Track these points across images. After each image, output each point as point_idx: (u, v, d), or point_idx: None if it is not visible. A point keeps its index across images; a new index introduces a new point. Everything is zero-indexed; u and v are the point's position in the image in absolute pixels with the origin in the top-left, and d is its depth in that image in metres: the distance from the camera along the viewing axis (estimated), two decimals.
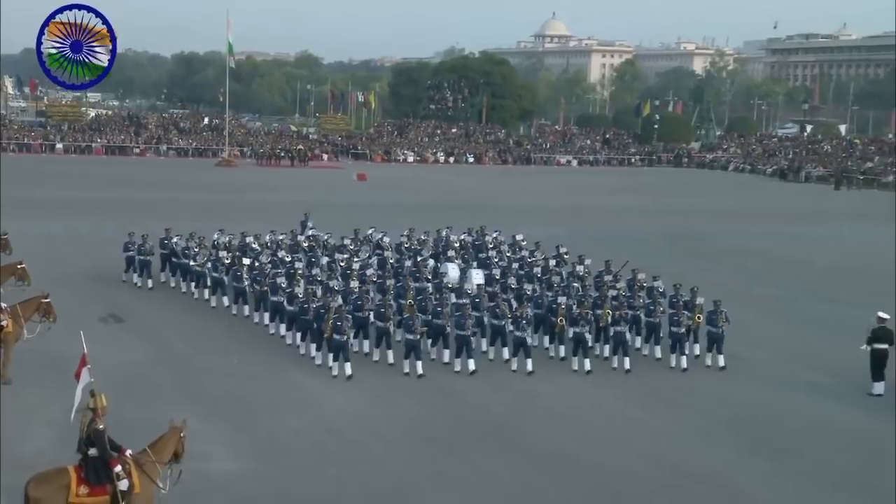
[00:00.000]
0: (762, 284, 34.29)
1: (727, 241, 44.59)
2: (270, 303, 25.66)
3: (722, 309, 23.54)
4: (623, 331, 23.48)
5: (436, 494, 16.28)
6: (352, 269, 27.57)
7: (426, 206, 53.18)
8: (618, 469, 17.51)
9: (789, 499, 16.69)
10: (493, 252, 31.76)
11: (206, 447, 14.44)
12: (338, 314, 21.89)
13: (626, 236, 42.59)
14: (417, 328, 22.25)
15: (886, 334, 22.46)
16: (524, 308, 23.38)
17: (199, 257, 29.29)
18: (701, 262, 37.91)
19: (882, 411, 21.27)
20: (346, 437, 18.81)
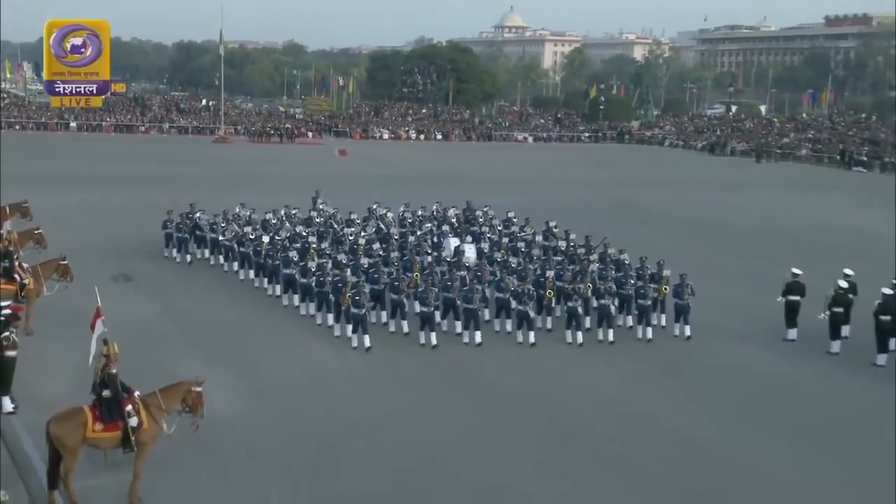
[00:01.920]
0: (692, 246, 34.34)
1: (663, 208, 44.79)
2: (283, 275, 24.43)
3: (688, 282, 22.26)
4: (608, 304, 21.95)
5: (406, 427, 16.36)
6: (358, 244, 26.25)
7: (401, 178, 53.17)
8: (575, 411, 17.60)
9: (714, 434, 16.89)
10: (486, 227, 30.04)
11: (207, 391, 14.34)
12: (356, 288, 20.68)
13: (576, 204, 42.70)
14: (432, 301, 21.01)
15: (799, 287, 22.73)
16: (526, 283, 21.81)
17: (228, 232, 27.86)
18: (640, 226, 38.06)
19: (794, 355, 21.62)
20: (333, 382, 18.84)
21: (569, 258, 25.79)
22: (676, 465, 15.15)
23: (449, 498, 13.70)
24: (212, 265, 28.48)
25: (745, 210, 45.33)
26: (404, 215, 31.61)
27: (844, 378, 20.06)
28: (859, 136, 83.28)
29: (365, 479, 14.09)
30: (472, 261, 25.08)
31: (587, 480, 14.44)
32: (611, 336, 21.81)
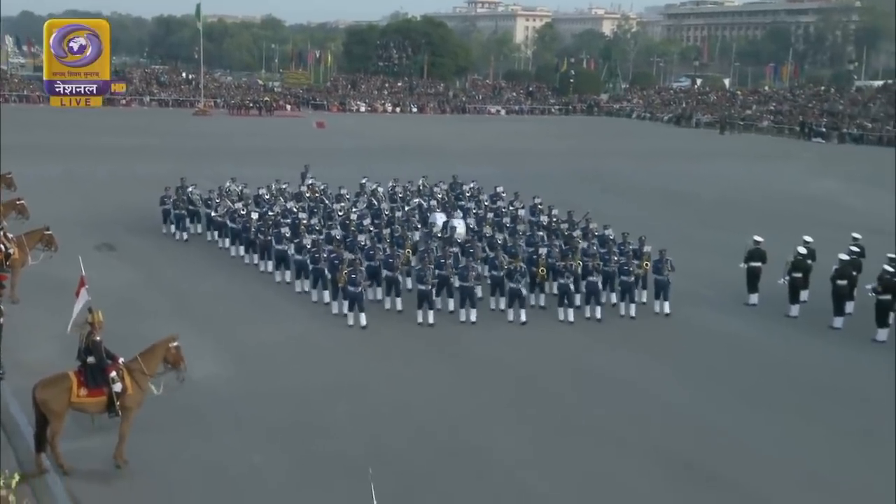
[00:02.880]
0: (659, 214, 34.43)
1: (630, 179, 44.91)
2: (275, 251, 23.60)
3: (667, 257, 21.55)
4: (596, 281, 21.16)
5: (387, 392, 16.36)
6: (350, 219, 25.34)
7: (378, 149, 53.00)
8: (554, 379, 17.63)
9: (684, 396, 17.06)
10: (472, 203, 29.23)
11: (189, 355, 14.32)
12: (352, 266, 19.92)
13: (547, 175, 42.72)
14: (430, 279, 20.20)
15: (760, 254, 22.89)
16: (518, 261, 20.99)
17: (220, 208, 26.97)
18: (608, 196, 38.19)
19: (756, 319, 21.80)
20: (315, 350, 18.82)
21: (554, 234, 24.96)
22: (648, 426, 15.24)
23: (426, 457, 13.75)
24: (208, 241, 27.67)
25: (710, 180, 45.51)
26: (394, 190, 30.79)
27: (803, 341, 20.25)
28: (818, 107, 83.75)
29: (345, 440, 14.10)
30: (462, 236, 24.45)
31: (563, 442, 14.44)
32: (598, 313, 21.03)
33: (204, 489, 12.48)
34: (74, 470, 12.52)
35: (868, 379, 17.91)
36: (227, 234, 26.58)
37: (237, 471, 12.98)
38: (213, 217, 27.42)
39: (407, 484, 12.65)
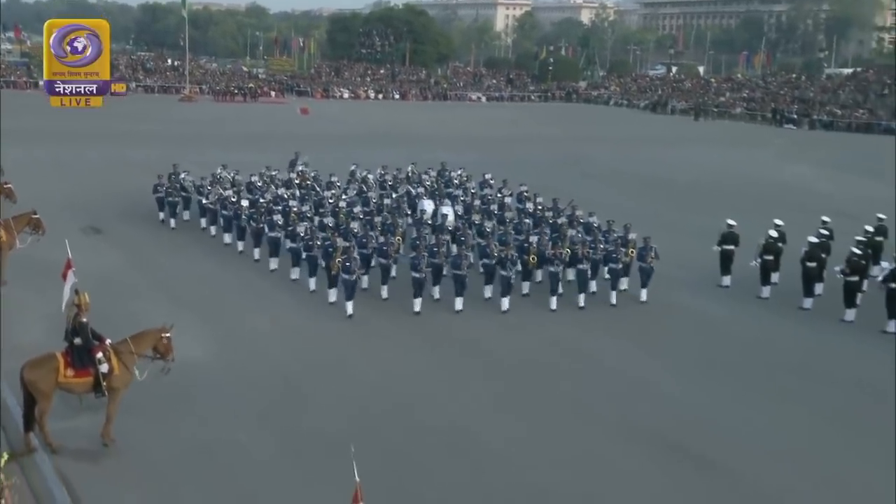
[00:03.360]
0: (636, 199, 34.43)
1: (608, 164, 44.93)
2: (268, 238, 22.95)
3: (652, 245, 21.25)
4: (585, 269, 20.75)
5: (370, 372, 16.35)
6: (340, 207, 24.66)
7: (361, 136, 52.76)
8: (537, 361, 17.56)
9: (663, 378, 17.14)
10: (459, 191, 28.48)
11: (175, 336, 14.23)
12: (346, 254, 19.47)
13: (526, 160, 42.63)
14: (424, 267, 19.72)
15: (733, 237, 22.99)
16: (510, 249, 20.34)
17: (212, 195, 26.22)
18: (587, 181, 38.21)
19: (728, 300, 21.94)
20: (301, 331, 18.76)
21: (540, 222, 24.13)
22: (621, 401, 15.34)
23: (406, 434, 13.76)
24: (202, 228, 26.82)
25: (684, 165, 45.65)
26: (384, 178, 30.04)
27: (774, 321, 20.37)
28: (790, 95, 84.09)
29: (328, 418, 14.09)
30: (452, 223, 23.90)
31: (545, 422, 14.41)
32: (581, 301, 20.59)
33: (190, 466, 12.45)
34: (62, 448, 12.47)
35: (837, 358, 18.10)
36: (219, 221, 25.90)
37: (223, 449, 12.95)
38: (204, 204, 26.76)
39: (389, 461, 12.65)
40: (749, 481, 12.71)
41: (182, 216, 27.72)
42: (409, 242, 21.95)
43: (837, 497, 12.40)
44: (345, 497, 7.79)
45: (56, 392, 12.53)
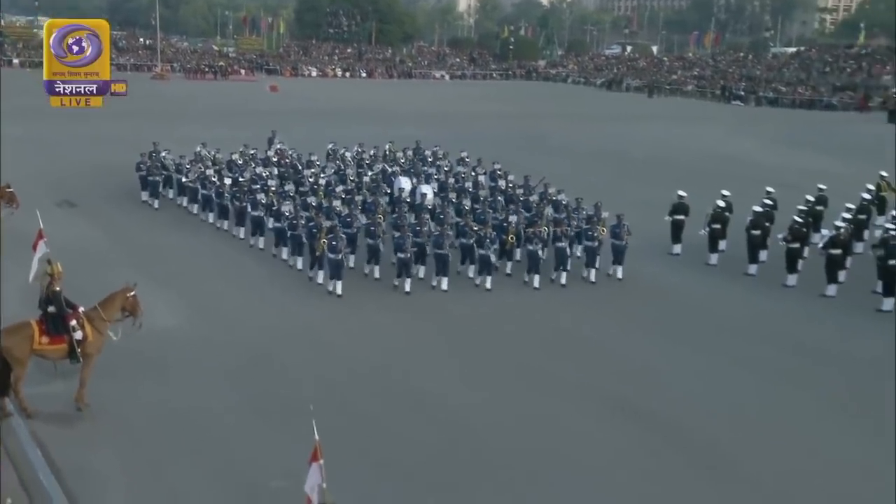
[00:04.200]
0: (593, 173, 34.42)
1: (566, 139, 44.83)
2: (251, 217, 22.18)
3: (624, 222, 20.55)
4: (564, 246, 19.96)
5: (339, 340, 16.30)
6: (319, 185, 23.90)
7: (329, 112, 52.28)
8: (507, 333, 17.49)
9: (611, 337, 17.24)
10: (433, 168, 27.60)
11: (148, 306, 14.09)
12: (332, 234, 18.67)
13: (489, 136, 42.43)
14: (409, 247, 18.95)
15: (683, 208, 23.14)
16: (487, 228, 19.67)
17: (191, 174, 25.52)
18: (546, 156, 38.01)
19: (679, 267, 22.11)
20: (271, 299, 18.63)
21: (512, 200, 23.37)
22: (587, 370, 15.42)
23: (375, 399, 13.71)
24: (182, 206, 26.07)
25: (639, 140, 45.68)
26: (361, 155, 29.10)
27: (722, 287, 20.58)
28: (737, 73, 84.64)
29: (296, 385, 14.00)
30: (431, 201, 23.14)
31: (511, 388, 14.36)
32: (563, 279, 19.97)
33: (161, 429, 12.36)
34: (38, 413, 12.30)
35: (780, 321, 18.31)
36: (199, 199, 25.10)
37: (193, 412, 12.86)
38: (184, 183, 25.95)
39: (357, 424, 12.63)
40: (701, 438, 12.84)
41: (166, 194, 26.80)
42: (388, 221, 20.98)
43: (783, 447, 12.57)
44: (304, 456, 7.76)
45: (31, 359, 12.35)
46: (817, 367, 15.73)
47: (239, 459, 11.52)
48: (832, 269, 19.95)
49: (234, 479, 11.01)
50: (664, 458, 12.10)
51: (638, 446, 12.45)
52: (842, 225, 20.55)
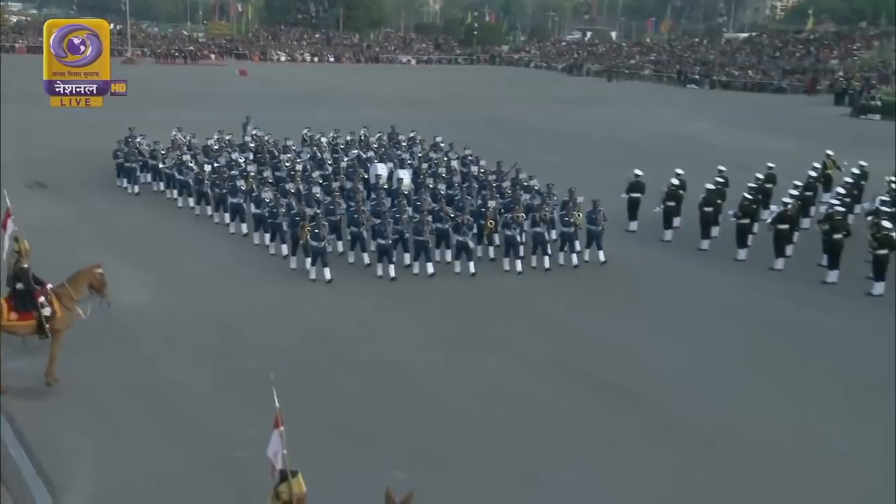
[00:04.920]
0: (554, 153, 34.36)
1: (529, 121, 44.82)
2: (230, 204, 21.47)
3: (600, 208, 19.99)
4: (542, 231, 19.44)
5: (310, 317, 16.20)
6: (295, 170, 23.11)
7: (297, 96, 51.81)
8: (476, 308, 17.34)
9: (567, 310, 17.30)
10: (407, 153, 26.84)
11: (118, 283, 13.91)
12: (315, 222, 17.95)
13: (453, 119, 42.25)
14: (390, 234, 18.27)
15: (639, 186, 23.24)
16: (465, 214, 19.05)
17: (168, 160, 24.85)
18: (509, 137, 38.05)
19: (634, 244, 22.10)
20: (241, 277, 18.45)
21: (487, 185, 22.48)
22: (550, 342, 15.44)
23: (343, 370, 13.65)
24: (157, 191, 25.48)
25: (598, 122, 45.72)
26: (336, 141, 28.19)
27: (675, 262, 20.71)
28: (692, 57, 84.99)
29: (265, 358, 13.84)
30: (408, 186, 22.42)
31: (480, 362, 14.28)
32: (546, 263, 19.40)
33: (130, 403, 12.23)
34: (8, 388, 12.10)
35: (732, 294, 18.48)
36: (175, 185, 24.36)
37: (163, 387, 12.74)
38: (160, 168, 25.24)
39: (324, 394, 12.60)
40: (659, 405, 12.90)
41: (142, 178, 26.05)
42: (368, 207, 19.97)
43: (737, 412, 12.70)
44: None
45: (0, 335, 12.13)
46: (772, 337, 15.89)
47: (207, 431, 11.43)
48: (780, 244, 20.16)
49: (202, 450, 10.92)
50: (625, 426, 12.18)
51: (599, 414, 12.51)
52: (789, 201, 20.76)
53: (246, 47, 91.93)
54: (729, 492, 10.56)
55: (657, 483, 10.67)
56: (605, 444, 11.62)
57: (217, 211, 22.47)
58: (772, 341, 15.66)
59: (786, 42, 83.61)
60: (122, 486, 10.12)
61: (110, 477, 10.33)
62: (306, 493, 7.00)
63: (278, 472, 7.09)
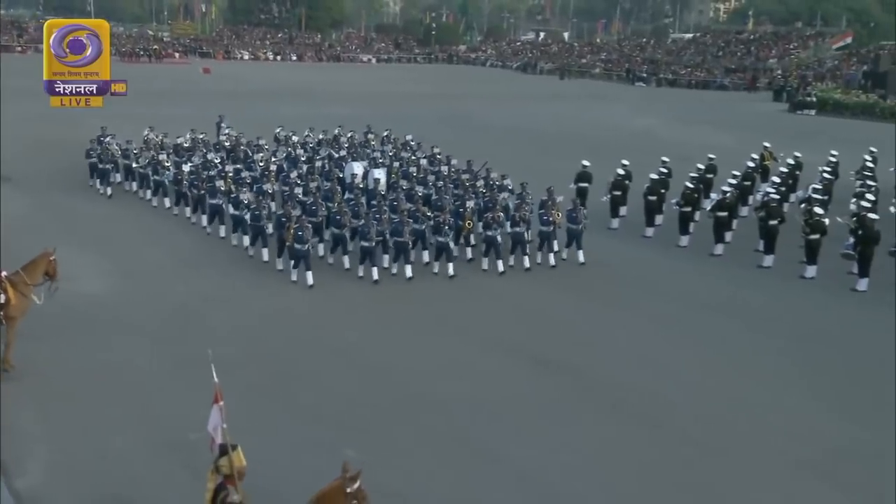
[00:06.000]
0: (510, 147, 34.24)
1: (485, 117, 44.81)
2: (209, 205, 20.33)
3: (580, 206, 19.61)
4: (522, 231, 18.66)
5: (262, 301, 15.99)
6: (269, 170, 22.35)
7: (260, 93, 51.18)
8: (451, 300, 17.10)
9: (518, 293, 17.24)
10: (378, 153, 26.07)
11: (77, 272, 13.60)
12: (298, 223, 16.98)
13: (412, 115, 41.95)
14: (374, 235, 17.33)
15: (587, 176, 23.33)
16: (445, 214, 18.20)
17: (142, 159, 23.75)
18: (466, 132, 37.96)
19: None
20: (197, 265, 18.15)
21: (460, 185, 21.56)
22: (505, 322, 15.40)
23: (300, 353, 13.50)
24: (130, 191, 24.53)
25: (551, 117, 45.93)
26: (306, 139, 27.34)
27: (621, 248, 20.82)
28: (640, 56, 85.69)
29: (222, 343, 13.61)
30: (384, 186, 21.69)
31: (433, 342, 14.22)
32: (526, 262, 18.56)
33: (86, 387, 11.96)
34: None
35: (674, 277, 18.72)
36: (150, 185, 23.36)
37: (118, 372, 12.48)
38: (134, 168, 24.16)
39: (281, 377, 12.45)
40: (605, 383, 12.99)
41: (115, 178, 24.93)
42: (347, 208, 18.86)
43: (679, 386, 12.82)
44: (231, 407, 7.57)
45: None
46: (709, 316, 16.06)
47: (161, 414, 11.22)
48: (719, 230, 20.38)
49: (155, 432, 10.72)
50: (573, 401, 12.22)
51: (548, 391, 12.53)
52: (728, 190, 21.00)
53: (210, 46, 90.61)
54: (667, 459, 10.63)
55: (601, 453, 10.72)
56: (552, 419, 11.62)
57: (195, 213, 21.38)
58: (712, 321, 15.83)
59: (728, 42, 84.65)
60: (74, 468, 9.90)
61: (63, 459, 10.10)
62: (246, 466, 6.87)
63: (218, 447, 6.96)
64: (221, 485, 6.76)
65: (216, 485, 6.79)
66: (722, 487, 10.09)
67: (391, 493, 8.83)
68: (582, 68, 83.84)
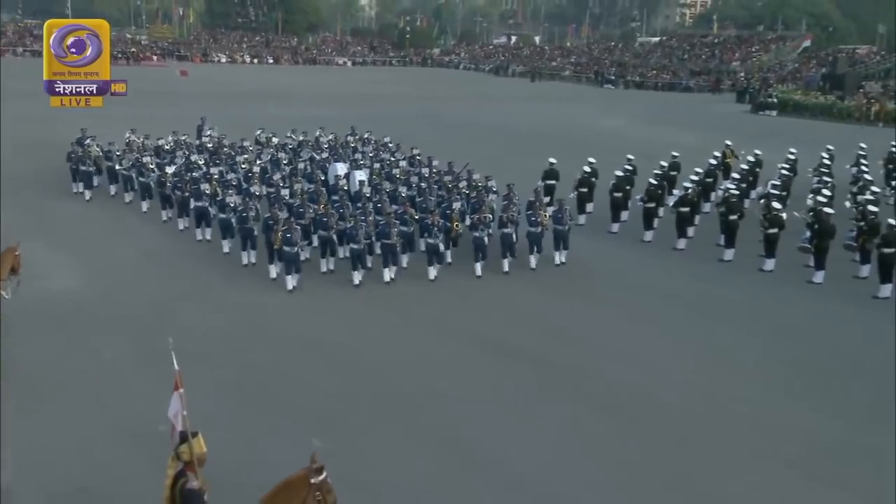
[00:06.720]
0: (482, 146, 34.10)
1: (458, 118, 44.74)
2: (195, 208, 19.64)
3: (566, 206, 19.10)
4: (510, 233, 18.11)
5: (232, 295, 15.81)
6: (253, 173, 21.74)
7: (238, 95, 50.76)
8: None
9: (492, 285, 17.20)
10: (358, 154, 25.55)
11: (48, 270, 13.36)
12: (287, 226, 16.47)
13: (387, 115, 41.81)
14: (362, 238, 16.83)
15: (554, 173, 23.42)
16: (435, 216, 17.61)
17: (125, 161, 23.06)
18: (440, 132, 37.87)
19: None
20: (167, 261, 17.94)
21: (443, 187, 21.05)
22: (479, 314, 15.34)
23: (277, 350, 13.34)
24: (112, 195, 23.77)
25: (522, 118, 45.94)
26: (286, 141, 26.75)
27: (588, 243, 20.73)
28: (609, 59, 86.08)
29: (192, 337, 13.44)
30: (367, 187, 20.91)
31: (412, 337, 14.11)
32: (505, 266, 18.02)
33: (55, 380, 11.80)
34: None
35: (639, 271, 18.82)
36: (135, 187, 22.70)
37: (88, 366, 12.29)
38: (117, 171, 23.41)
39: (252, 373, 12.30)
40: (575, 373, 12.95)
41: (96, 181, 24.17)
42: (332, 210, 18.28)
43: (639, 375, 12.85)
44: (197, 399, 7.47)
45: None
46: (672, 308, 16.14)
47: (129, 406, 11.06)
48: (682, 226, 20.48)
49: (124, 424, 10.57)
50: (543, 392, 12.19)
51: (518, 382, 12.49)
52: (690, 186, 21.10)
53: (187, 49, 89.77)
54: (636, 447, 10.65)
55: (571, 442, 10.70)
56: (522, 409, 11.61)
57: (181, 217, 20.59)
58: (675, 313, 15.91)
59: (693, 45, 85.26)
60: (42, 460, 9.73)
61: (31, 451, 9.91)
62: (206, 453, 6.78)
63: (178, 434, 6.86)
64: (181, 471, 6.67)
65: (176, 471, 6.69)
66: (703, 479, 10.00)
67: (358, 484, 8.75)
68: (552, 71, 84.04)
